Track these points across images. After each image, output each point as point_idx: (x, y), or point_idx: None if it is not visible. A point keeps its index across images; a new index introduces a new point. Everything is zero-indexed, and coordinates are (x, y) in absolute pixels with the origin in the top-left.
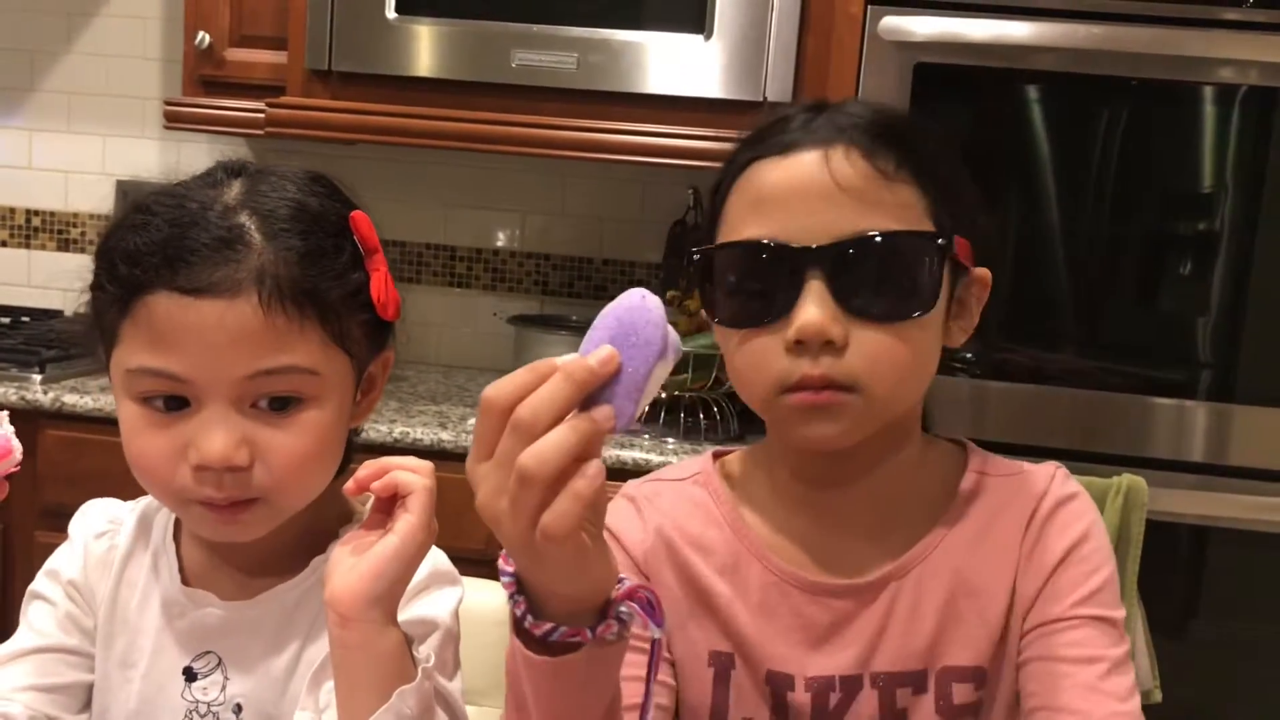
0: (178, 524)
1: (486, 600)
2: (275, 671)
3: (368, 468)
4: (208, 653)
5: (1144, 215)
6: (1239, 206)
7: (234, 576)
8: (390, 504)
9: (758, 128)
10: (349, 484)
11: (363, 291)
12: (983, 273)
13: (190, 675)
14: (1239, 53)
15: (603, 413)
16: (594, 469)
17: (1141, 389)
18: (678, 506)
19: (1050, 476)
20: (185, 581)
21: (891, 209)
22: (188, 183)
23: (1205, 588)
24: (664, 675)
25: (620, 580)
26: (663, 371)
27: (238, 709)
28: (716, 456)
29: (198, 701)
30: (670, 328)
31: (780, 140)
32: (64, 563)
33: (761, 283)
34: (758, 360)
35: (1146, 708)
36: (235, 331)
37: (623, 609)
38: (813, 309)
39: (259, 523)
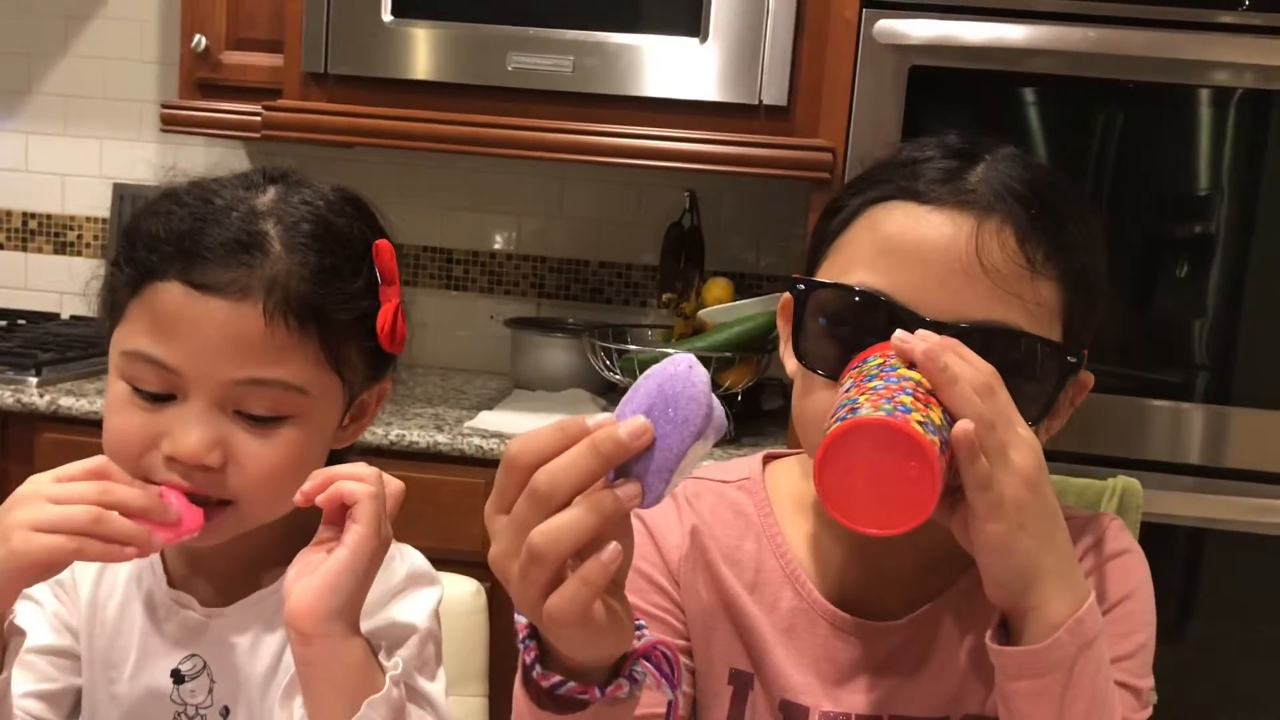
0: None
1: (456, 591)
2: (257, 676)
3: (313, 479)
4: (193, 655)
5: (1140, 218)
6: (1235, 209)
7: (216, 580)
8: (339, 515)
9: (899, 156)
10: (296, 496)
11: (370, 318)
12: (1086, 377)
13: (178, 678)
14: (1235, 56)
15: (628, 490)
16: (610, 553)
17: (1138, 391)
18: (717, 512)
19: (1104, 528)
20: (170, 584)
21: (1028, 305)
22: (223, 179)
23: (1201, 590)
24: (682, 685)
25: (640, 629)
26: (701, 450)
27: (225, 711)
28: (768, 460)
29: (186, 704)
30: (716, 403)
31: (931, 186)
32: None
33: (866, 338)
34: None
35: None
36: (235, 334)
37: (637, 668)
38: None
39: (224, 528)
